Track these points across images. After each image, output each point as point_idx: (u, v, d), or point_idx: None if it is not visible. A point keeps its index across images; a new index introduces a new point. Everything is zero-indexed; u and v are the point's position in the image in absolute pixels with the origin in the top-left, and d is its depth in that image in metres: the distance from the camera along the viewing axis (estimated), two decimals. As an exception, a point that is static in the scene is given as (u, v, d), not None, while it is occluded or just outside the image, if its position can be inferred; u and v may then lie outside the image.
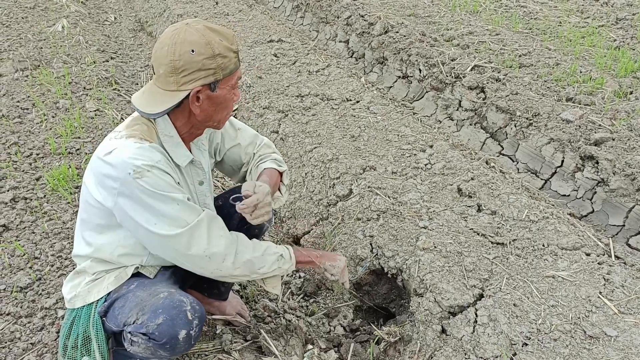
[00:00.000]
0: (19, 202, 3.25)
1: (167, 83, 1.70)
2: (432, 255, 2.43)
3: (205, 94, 1.74)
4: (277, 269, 1.90)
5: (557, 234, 2.50)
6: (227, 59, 1.73)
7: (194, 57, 1.66)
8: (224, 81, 1.76)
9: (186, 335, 1.73)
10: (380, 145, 3.28)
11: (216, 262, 1.77)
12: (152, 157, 1.73)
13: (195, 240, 1.73)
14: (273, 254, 1.89)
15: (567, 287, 2.22)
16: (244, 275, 1.85)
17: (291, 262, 1.95)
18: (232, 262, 1.79)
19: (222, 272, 1.81)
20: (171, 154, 1.83)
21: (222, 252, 1.77)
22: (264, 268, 1.86)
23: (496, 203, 2.71)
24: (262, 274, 1.88)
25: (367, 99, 3.88)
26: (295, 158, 3.38)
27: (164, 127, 1.83)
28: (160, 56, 1.69)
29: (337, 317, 2.58)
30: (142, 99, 1.77)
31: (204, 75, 1.70)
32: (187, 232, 1.72)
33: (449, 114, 4.38)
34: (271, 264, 1.88)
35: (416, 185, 2.90)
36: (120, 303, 1.86)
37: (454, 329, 2.17)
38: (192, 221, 1.72)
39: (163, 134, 1.83)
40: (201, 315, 1.79)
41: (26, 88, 4.68)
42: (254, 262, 1.83)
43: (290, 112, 3.80)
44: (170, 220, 1.70)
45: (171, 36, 1.69)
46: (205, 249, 1.74)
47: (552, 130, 3.66)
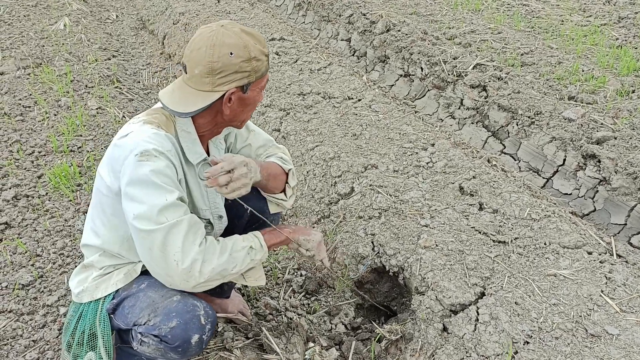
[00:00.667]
0: (21, 200, 3.26)
1: (201, 83, 1.71)
2: (434, 253, 2.43)
3: (237, 95, 1.76)
4: (251, 262, 1.83)
5: (558, 233, 2.50)
6: (260, 62, 1.76)
7: (232, 59, 1.68)
8: (256, 83, 1.79)
9: (199, 340, 1.73)
10: (381, 144, 3.28)
11: (183, 270, 1.67)
12: (163, 145, 1.74)
13: (171, 239, 1.66)
14: (241, 249, 1.80)
15: (568, 286, 2.22)
16: (217, 280, 1.76)
17: (263, 250, 1.87)
18: (199, 271, 1.68)
19: (189, 283, 1.69)
20: (185, 149, 1.84)
21: (190, 260, 1.67)
22: (236, 267, 1.78)
23: (498, 201, 2.71)
24: (237, 272, 1.80)
25: (368, 97, 3.88)
26: (297, 156, 3.38)
27: (183, 123, 1.84)
28: (197, 57, 1.69)
29: (338, 315, 2.58)
30: (173, 97, 1.77)
31: (240, 77, 1.72)
32: (164, 230, 1.65)
33: (451, 112, 4.38)
34: (242, 260, 1.80)
35: (418, 184, 2.90)
36: (131, 302, 1.85)
37: (455, 327, 2.17)
38: (172, 219, 1.66)
39: (181, 129, 1.84)
40: (213, 319, 1.80)
41: (28, 86, 4.68)
42: (223, 267, 1.74)
43: (292, 110, 3.80)
44: (151, 214, 1.65)
45: (209, 37, 1.70)
46: (176, 252, 1.66)
47: (554, 128, 3.65)
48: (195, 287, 1.71)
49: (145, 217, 1.65)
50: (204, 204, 1.97)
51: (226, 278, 1.77)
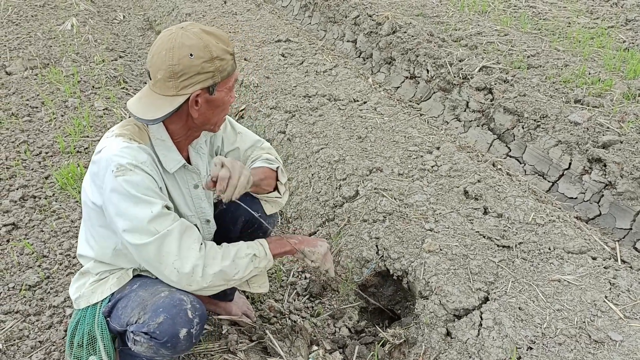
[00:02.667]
0: (28, 201, 3.28)
1: (165, 88, 1.69)
2: (438, 257, 2.44)
3: (204, 98, 1.74)
4: (254, 270, 1.84)
5: (563, 238, 2.50)
6: (224, 62, 1.72)
7: (193, 60, 1.66)
8: (222, 84, 1.76)
9: (187, 334, 1.74)
10: (386, 147, 3.28)
11: (185, 275, 1.71)
12: (137, 157, 1.73)
13: (165, 250, 1.68)
14: (245, 257, 1.81)
15: (572, 291, 2.22)
16: (219, 285, 1.78)
17: (267, 259, 1.88)
18: (201, 275, 1.71)
19: (192, 287, 1.73)
20: (161, 157, 1.83)
21: (190, 265, 1.70)
22: (238, 274, 1.80)
23: (502, 206, 2.71)
24: (239, 279, 1.81)
25: (374, 99, 3.88)
26: (302, 159, 3.39)
27: (156, 131, 1.83)
28: (157, 61, 1.68)
29: (342, 318, 2.59)
30: (140, 105, 1.74)
31: (203, 78, 1.69)
32: (156, 242, 1.68)
33: (457, 115, 4.38)
34: (245, 267, 1.81)
35: (422, 187, 2.90)
36: (123, 303, 1.88)
37: (458, 332, 2.17)
38: (162, 229, 1.67)
39: (155, 137, 1.83)
40: (202, 313, 1.80)
41: (35, 87, 4.72)
42: (225, 272, 1.76)
43: (298, 112, 3.81)
44: (141, 228, 1.67)
45: (168, 40, 1.68)
46: (174, 260, 1.69)
47: (560, 132, 3.64)
48: (198, 290, 1.74)
49: (134, 231, 1.68)
50: (189, 210, 1.97)
51: (230, 283, 1.79)
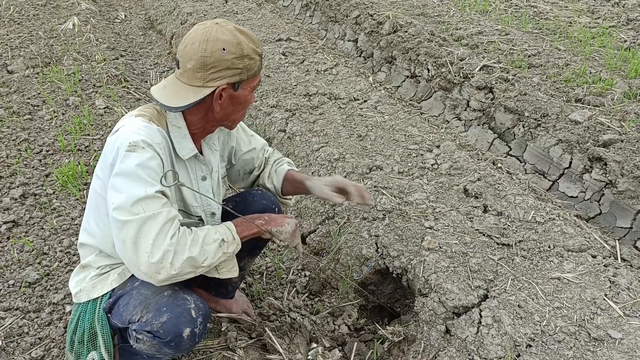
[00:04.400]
0: (29, 198, 3.29)
1: (193, 78, 1.73)
2: (437, 255, 2.43)
3: (229, 93, 1.78)
4: (223, 255, 1.78)
5: (563, 236, 2.49)
6: (253, 61, 1.77)
7: (225, 55, 1.70)
8: (247, 82, 1.81)
9: (190, 333, 1.74)
10: (387, 145, 3.28)
11: (154, 264, 1.64)
12: (153, 137, 1.74)
13: (144, 232, 1.63)
14: (213, 242, 1.75)
15: (572, 289, 2.22)
16: (187, 273, 1.71)
17: (236, 243, 1.82)
18: (171, 263, 1.64)
19: (161, 276, 1.65)
20: (176, 144, 1.85)
21: (161, 252, 1.64)
22: (207, 260, 1.73)
23: (502, 204, 2.71)
24: (208, 265, 1.74)
25: (374, 98, 3.88)
26: (302, 157, 3.39)
27: (174, 118, 1.85)
28: (190, 51, 1.72)
29: (341, 316, 2.59)
30: (164, 92, 1.78)
31: (231, 74, 1.74)
32: (139, 221, 1.63)
33: (457, 114, 4.38)
34: (214, 253, 1.75)
35: (422, 186, 2.90)
36: (125, 300, 1.87)
37: (458, 330, 2.17)
38: (148, 211, 1.65)
39: (172, 124, 1.85)
40: (205, 313, 1.80)
41: (37, 85, 4.72)
42: (194, 258, 1.69)
43: (298, 111, 3.82)
44: (129, 205, 1.64)
45: (203, 33, 1.72)
46: (149, 245, 1.63)
47: (560, 131, 3.64)
48: (166, 280, 1.66)
49: (122, 207, 1.65)
50: (195, 201, 1.98)
51: (198, 270, 1.73)
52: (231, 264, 1.88)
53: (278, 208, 2.24)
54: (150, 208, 1.65)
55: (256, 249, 2.32)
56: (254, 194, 2.22)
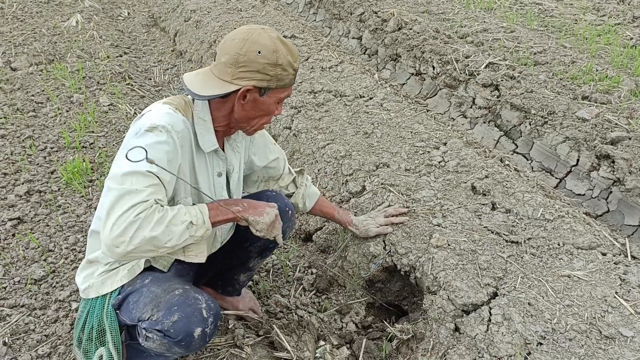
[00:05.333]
0: (34, 195, 3.28)
1: (223, 72, 1.77)
2: (446, 253, 2.42)
3: (253, 96, 1.79)
4: (190, 238, 1.70)
5: (572, 233, 2.47)
6: (285, 73, 1.79)
7: (259, 58, 1.73)
8: (275, 92, 1.82)
9: (201, 333, 1.73)
10: (393, 142, 3.26)
11: (115, 237, 1.58)
12: (174, 125, 1.76)
13: (120, 203, 1.60)
14: (181, 224, 1.67)
15: (582, 287, 2.20)
16: (148, 251, 1.64)
17: (205, 227, 1.74)
18: (130, 237, 1.58)
19: (119, 250, 1.59)
20: (199, 136, 1.86)
21: (124, 226, 1.58)
22: (171, 241, 1.65)
23: (511, 201, 2.69)
24: (172, 247, 1.67)
25: (380, 95, 3.86)
26: (308, 154, 3.37)
27: (200, 110, 1.86)
28: (228, 46, 1.76)
29: (349, 313, 2.58)
30: (194, 79, 1.82)
31: (260, 77, 1.75)
32: (121, 192, 1.61)
33: (463, 111, 4.36)
34: (180, 235, 1.66)
35: (430, 183, 2.88)
36: (135, 297, 1.86)
37: (467, 328, 2.15)
38: (134, 186, 1.62)
39: (197, 116, 1.86)
40: (216, 312, 1.79)
41: (40, 82, 4.71)
42: (157, 238, 1.62)
43: (303, 108, 3.80)
44: (119, 174, 1.64)
45: (245, 33, 1.76)
46: (118, 216, 1.58)
47: (567, 128, 3.62)
48: (123, 255, 1.61)
49: (114, 175, 1.65)
50: (209, 192, 1.98)
51: (160, 250, 1.66)
52: (200, 248, 1.82)
53: (291, 211, 2.25)
54: (138, 184, 1.63)
55: (266, 251, 2.32)
56: (268, 195, 2.22)
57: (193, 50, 5.67)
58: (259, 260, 2.35)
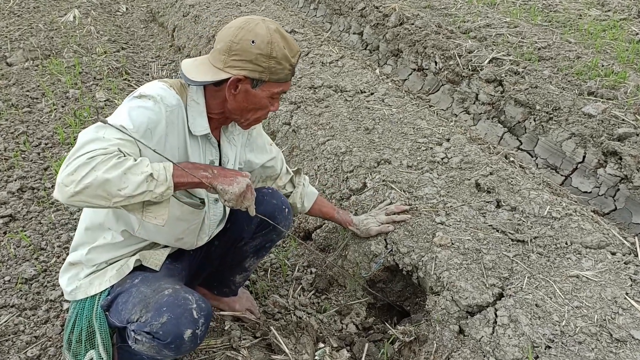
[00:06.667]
0: (26, 192, 3.20)
1: (217, 60, 1.72)
2: (450, 252, 2.34)
3: (245, 87, 1.72)
4: (147, 193, 1.54)
5: (580, 232, 2.39)
6: (280, 67, 1.71)
7: (252, 48, 1.67)
8: (268, 85, 1.74)
9: (192, 335, 1.66)
10: (395, 139, 3.18)
11: (66, 175, 1.47)
12: (165, 98, 1.71)
13: (84, 147, 1.50)
14: (140, 174, 1.52)
15: (591, 288, 2.12)
16: (98, 197, 1.48)
17: (166, 185, 1.58)
18: (82, 177, 1.45)
19: (68, 190, 1.46)
20: (190, 119, 1.78)
21: (76, 164, 1.46)
22: (126, 190, 1.50)
23: (516, 199, 2.60)
24: (126, 197, 1.51)
25: (381, 91, 3.78)
26: (308, 150, 3.29)
27: (194, 93, 1.80)
28: (224, 34, 1.73)
29: (349, 314, 2.50)
30: (191, 64, 1.79)
31: (252, 68, 1.69)
32: (90, 137, 1.52)
33: (466, 107, 4.27)
34: (136, 185, 1.51)
35: (432, 180, 2.80)
36: (124, 298, 1.80)
37: (472, 330, 2.07)
38: (101, 135, 1.53)
39: (191, 99, 1.79)
40: (207, 313, 1.72)
41: (36, 77, 4.64)
42: (110, 182, 1.47)
43: (303, 103, 3.72)
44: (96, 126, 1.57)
45: (242, 22, 1.72)
46: (76, 158, 1.48)
47: (573, 124, 3.53)
48: (72, 197, 1.47)
49: (92, 127, 1.59)
50: None
51: (113, 200, 1.51)
52: (161, 210, 1.65)
53: (288, 209, 2.18)
54: (109, 135, 1.55)
55: (262, 250, 2.24)
56: (264, 193, 2.14)
57: (192, 46, 5.58)
58: (255, 260, 2.27)
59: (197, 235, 2.00)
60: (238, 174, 1.76)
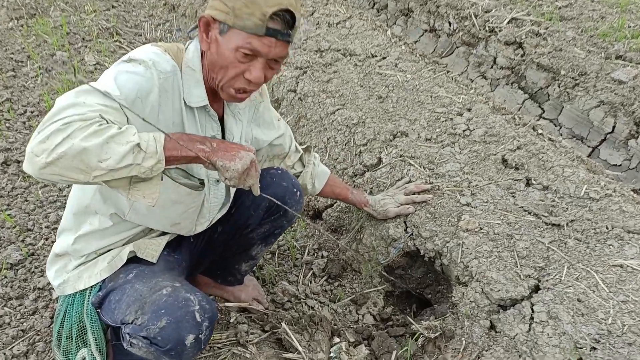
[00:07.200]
0: (11, 166, 2.95)
1: None
2: (478, 237, 2.11)
3: (215, 34, 1.48)
4: (134, 167, 1.31)
5: (622, 215, 2.16)
6: (247, 11, 1.40)
7: None
8: (234, 34, 1.44)
9: (194, 340, 1.45)
10: (411, 108, 2.92)
11: (37, 143, 1.25)
12: (158, 63, 1.47)
13: (60, 112, 1.28)
14: (125, 144, 1.28)
15: (638, 279, 1.90)
16: (74, 169, 1.26)
17: (157, 159, 1.34)
18: (56, 145, 1.23)
19: (39, 160, 1.24)
20: (185, 88, 1.54)
21: (53, 129, 1.24)
22: (107, 162, 1.27)
23: (548, 177, 2.37)
24: (107, 170, 1.27)
25: (394, 55, 3.49)
26: (316, 121, 3.03)
27: (191, 57, 1.56)
28: None
29: (365, 304, 2.29)
30: None
31: (218, 7, 1.45)
32: (68, 101, 1.30)
33: (482, 72, 3.99)
34: (120, 157, 1.27)
35: (454, 155, 2.56)
36: (117, 296, 1.59)
37: (505, 326, 1.87)
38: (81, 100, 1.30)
39: (186, 65, 1.55)
40: (212, 315, 1.51)
41: (20, 39, 4.32)
42: (89, 151, 1.24)
43: (309, 68, 3.43)
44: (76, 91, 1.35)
45: None
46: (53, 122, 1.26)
47: (602, 91, 3.27)
48: (42, 168, 1.25)
49: (72, 92, 1.35)
50: None
51: (92, 171, 1.27)
52: (151, 187, 1.42)
53: (300, 192, 1.94)
54: (91, 100, 1.32)
55: (271, 237, 2.01)
56: (272, 174, 1.90)
57: (187, 4, 5.21)
58: (262, 247, 2.04)
59: (195, 220, 1.77)
60: (241, 147, 1.49)
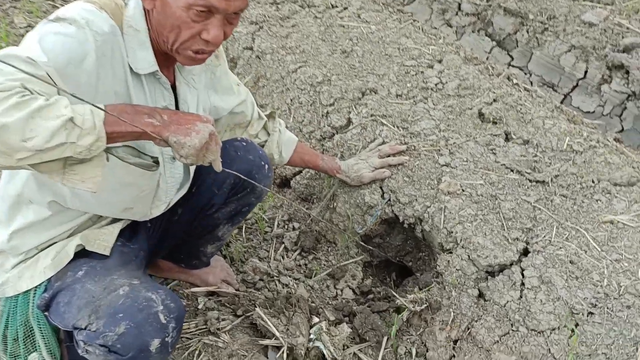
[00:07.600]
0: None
1: None
2: (461, 200, 1.98)
3: None
4: (68, 146, 1.10)
5: (608, 167, 2.05)
6: None
7: None
8: None
9: (160, 345, 1.27)
10: (378, 62, 2.72)
11: None
12: (94, 24, 1.23)
13: None
14: (55, 118, 1.07)
15: (630, 235, 1.81)
16: None
17: (95, 134, 1.13)
18: None
19: None
20: (129, 51, 1.31)
21: None
22: (34, 140, 1.05)
23: (528, 130, 2.23)
24: (34, 149, 1.06)
25: (356, 4, 3.25)
26: (277, 80, 2.80)
27: (132, 15, 1.31)
28: None
29: (343, 277, 2.14)
30: None
31: None
32: None
33: (447, 19, 3.80)
34: (50, 134, 1.07)
35: (428, 111, 2.39)
36: (66, 297, 1.39)
37: (494, 294, 1.77)
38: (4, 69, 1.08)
39: (128, 25, 1.31)
40: (178, 314, 1.33)
41: (-63, 1, 3.87)
42: (9, 128, 1.03)
43: (265, 23, 3.16)
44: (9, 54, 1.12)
45: None
46: None
47: (572, 35, 3.15)
48: None
49: None
50: None
51: (15, 153, 1.06)
52: (91, 171, 1.21)
53: (268, 165, 1.75)
54: (10, 68, 1.08)
55: (238, 215, 1.82)
56: (236, 147, 1.69)
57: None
58: (229, 227, 1.85)
59: (151, 203, 1.54)
60: (197, 118, 1.28)
